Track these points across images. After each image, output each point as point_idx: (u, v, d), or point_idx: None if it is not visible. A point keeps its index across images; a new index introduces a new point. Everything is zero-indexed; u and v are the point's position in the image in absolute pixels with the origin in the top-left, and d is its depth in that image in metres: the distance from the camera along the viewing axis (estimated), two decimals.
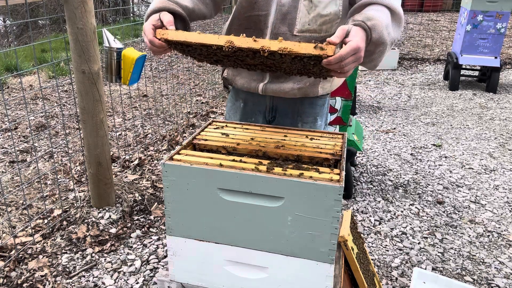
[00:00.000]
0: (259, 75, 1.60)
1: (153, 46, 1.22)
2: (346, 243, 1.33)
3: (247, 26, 1.50)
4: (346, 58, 1.05)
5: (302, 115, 1.70)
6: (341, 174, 1.12)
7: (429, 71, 6.53)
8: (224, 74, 1.71)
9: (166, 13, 1.26)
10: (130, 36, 7.58)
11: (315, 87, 1.61)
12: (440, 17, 10.75)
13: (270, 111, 1.71)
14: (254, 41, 1.07)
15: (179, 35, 1.15)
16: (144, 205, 2.72)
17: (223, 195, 1.15)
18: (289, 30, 1.46)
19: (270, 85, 1.59)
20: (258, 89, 1.61)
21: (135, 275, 2.14)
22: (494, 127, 4.26)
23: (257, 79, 1.61)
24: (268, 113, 1.71)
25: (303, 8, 1.43)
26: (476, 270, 2.22)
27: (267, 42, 1.06)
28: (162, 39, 1.17)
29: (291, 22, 1.45)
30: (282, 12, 1.44)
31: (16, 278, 2.06)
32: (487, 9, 5.11)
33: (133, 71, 2.31)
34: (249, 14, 1.47)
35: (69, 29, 2.25)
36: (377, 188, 3.04)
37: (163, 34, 1.17)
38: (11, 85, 5.11)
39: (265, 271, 1.21)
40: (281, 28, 1.46)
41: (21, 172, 3.08)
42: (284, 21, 1.45)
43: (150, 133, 3.92)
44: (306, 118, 1.70)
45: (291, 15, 1.44)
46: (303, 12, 1.44)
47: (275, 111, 1.70)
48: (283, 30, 1.46)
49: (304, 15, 1.44)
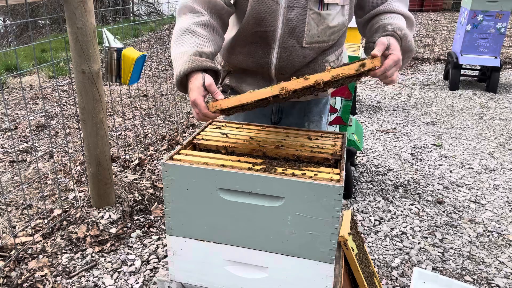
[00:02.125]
0: (266, 82, 1.57)
1: (206, 118, 1.21)
2: (346, 243, 1.33)
3: (253, 40, 1.48)
4: (389, 70, 1.21)
5: (308, 115, 1.70)
6: (341, 174, 1.12)
7: (429, 71, 6.53)
8: (225, 82, 1.67)
9: (208, 80, 1.22)
10: (130, 36, 7.58)
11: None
12: (440, 17, 10.75)
13: (277, 113, 1.70)
14: (305, 79, 1.11)
15: (233, 101, 1.14)
16: (144, 205, 2.72)
17: (223, 195, 1.15)
18: (297, 43, 1.46)
19: None
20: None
21: (135, 275, 2.14)
22: (494, 127, 4.26)
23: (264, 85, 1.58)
24: (274, 115, 1.71)
25: (311, 21, 1.43)
26: (476, 270, 2.22)
27: (318, 76, 1.11)
28: (217, 110, 1.15)
29: (299, 35, 1.44)
30: (290, 26, 1.43)
31: (16, 278, 2.06)
32: (487, 9, 5.11)
33: (133, 71, 2.32)
34: (255, 30, 1.44)
35: (69, 29, 2.25)
36: (377, 188, 3.04)
37: (216, 106, 1.15)
38: (11, 85, 5.11)
39: (265, 271, 1.21)
40: (290, 41, 1.45)
41: (21, 172, 3.08)
42: (292, 34, 1.44)
43: (150, 133, 3.92)
44: (313, 117, 1.71)
45: (299, 28, 1.43)
46: (311, 25, 1.43)
47: (281, 112, 1.70)
48: (291, 43, 1.46)
49: (313, 28, 1.44)
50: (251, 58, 1.51)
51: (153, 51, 6.64)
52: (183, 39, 1.31)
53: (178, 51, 1.29)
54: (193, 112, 1.25)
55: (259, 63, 1.50)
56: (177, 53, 1.29)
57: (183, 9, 1.37)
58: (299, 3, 1.40)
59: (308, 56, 1.50)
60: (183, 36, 1.32)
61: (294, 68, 1.51)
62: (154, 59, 6.53)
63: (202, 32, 1.33)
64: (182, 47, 1.29)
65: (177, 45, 1.31)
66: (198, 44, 1.30)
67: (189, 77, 1.25)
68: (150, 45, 7.32)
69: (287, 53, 1.47)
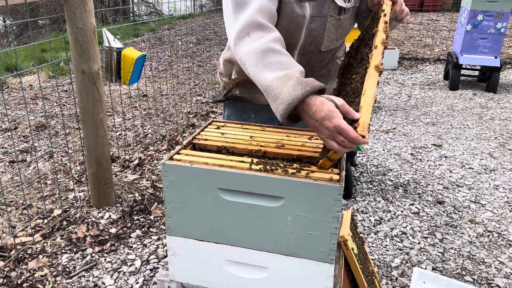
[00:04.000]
0: None
1: (355, 144, 1.01)
2: (346, 243, 1.33)
3: None
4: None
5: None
6: (341, 174, 1.12)
7: (429, 71, 6.53)
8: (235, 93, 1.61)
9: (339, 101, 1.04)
10: (130, 36, 7.58)
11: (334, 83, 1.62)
12: (440, 17, 10.75)
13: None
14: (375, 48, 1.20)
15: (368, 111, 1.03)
16: (144, 205, 2.72)
17: (223, 195, 1.15)
18: (316, 49, 1.49)
19: None
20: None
21: (135, 275, 2.14)
22: (494, 127, 4.26)
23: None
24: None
25: (331, 27, 1.45)
26: (476, 270, 2.22)
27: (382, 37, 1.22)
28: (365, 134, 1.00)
29: (319, 41, 1.47)
30: (312, 36, 1.45)
31: (16, 278, 2.06)
32: (487, 8, 5.11)
33: (133, 71, 2.32)
34: None
35: (69, 29, 2.25)
36: (377, 188, 3.04)
37: (365, 127, 1.00)
38: (11, 85, 5.11)
39: (265, 271, 1.21)
40: (309, 48, 1.48)
41: (21, 172, 3.08)
42: (312, 42, 1.47)
43: (150, 133, 3.92)
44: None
45: (320, 36, 1.46)
46: (331, 31, 1.46)
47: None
48: (310, 49, 1.48)
49: (332, 33, 1.47)
50: None
51: (153, 51, 6.64)
52: (269, 61, 1.12)
53: (272, 76, 1.10)
54: (332, 144, 1.03)
55: None
56: (274, 78, 1.09)
57: (250, 26, 1.19)
58: (322, 13, 1.41)
59: (325, 60, 1.55)
60: (266, 58, 1.13)
61: (313, 72, 1.54)
62: (154, 59, 6.53)
63: (283, 50, 1.16)
64: (275, 70, 1.11)
65: (265, 68, 1.12)
66: (292, 63, 1.13)
67: (305, 103, 1.05)
68: (150, 45, 7.32)
69: (306, 59, 1.50)
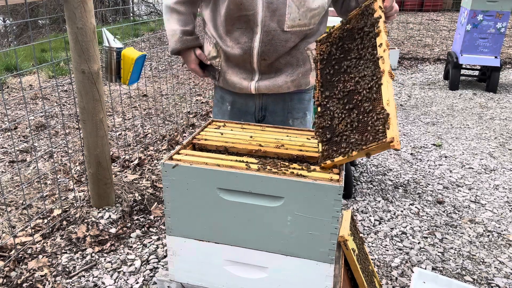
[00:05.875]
0: (249, 73, 1.61)
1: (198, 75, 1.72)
2: (346, 243, 1.33)
3: (239, 26, 1.54)
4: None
5: (292, 111, 1.71)
6: (341, 173, 1.12)
7: (429, 70, 6.53)
8: (215, 63, 1.68)
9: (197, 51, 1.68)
10: (130, 36, 7.57)
11: (306, 77, 1.63)
12: (440, 16, 10.75)
13: (260, 110, 1.71)
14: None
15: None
16: (144, 205, 2.72)
17: (223, 195, 1.15)
18: (279, 27, 1.49)
19: (263, 82, 1.60)
20: (251, 88, 1.62)
21: (135, 275, 2.14)
22: (494, 127, 4.26)
23: (247, 77, 1.61)
24: (258, 112, 1.71)
25: (292, 3, 1.46)
26: (476, 270, 2.22)
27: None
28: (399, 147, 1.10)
29: (280, 18, 1.48)
30: (271, 9, 1.46)
31: (16, 278, 2.06)
32: (487, 8, 5.11)
33: (133, 70, 2.31)
34: (238, 14, 1.50)
35: (69, 29, 2.25)
36: (377, 188, 3.04)
37: (398, 143, 1.06)
38: (11, 85, 5.11)
39: (265, 271, 1.20)
40: (271, 25, 1.49)
41: (21, 172, 3.08)
42: (273, 17, 1.48)
43: (150, 133, 3.91)
44: (296, 114, 1.71)
45: (280, 11, 1.47)
46: (292, 8, 1.46)
47: (265, 110, 1.70)
48: (273, 27, 1.49)
49: (294, 11, 1.47)
50: (237, 45, 1.56)
51: (153, 51, 6.64)
52: (171, 16, 1.63)
53: (169, 28, 1.64)
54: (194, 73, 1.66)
55: (244, 49, 1.55)
56: (169, 30, 1.65)
57: None
58: None
59: (290, 41, 1.53)
60: (170, 14, 1.63)
61: (277, 53, 1.54)
62: (154, 59, 6.53)
63: (183, 10, 1.62)
64: (171, 24, 1.63)
65: (167, 21, 1.65)
66: (183, 21, 1.62)
67: (182, 53, 1.67)
68: (150, 45, 7.32)
69: (269, 37, 1.51)
